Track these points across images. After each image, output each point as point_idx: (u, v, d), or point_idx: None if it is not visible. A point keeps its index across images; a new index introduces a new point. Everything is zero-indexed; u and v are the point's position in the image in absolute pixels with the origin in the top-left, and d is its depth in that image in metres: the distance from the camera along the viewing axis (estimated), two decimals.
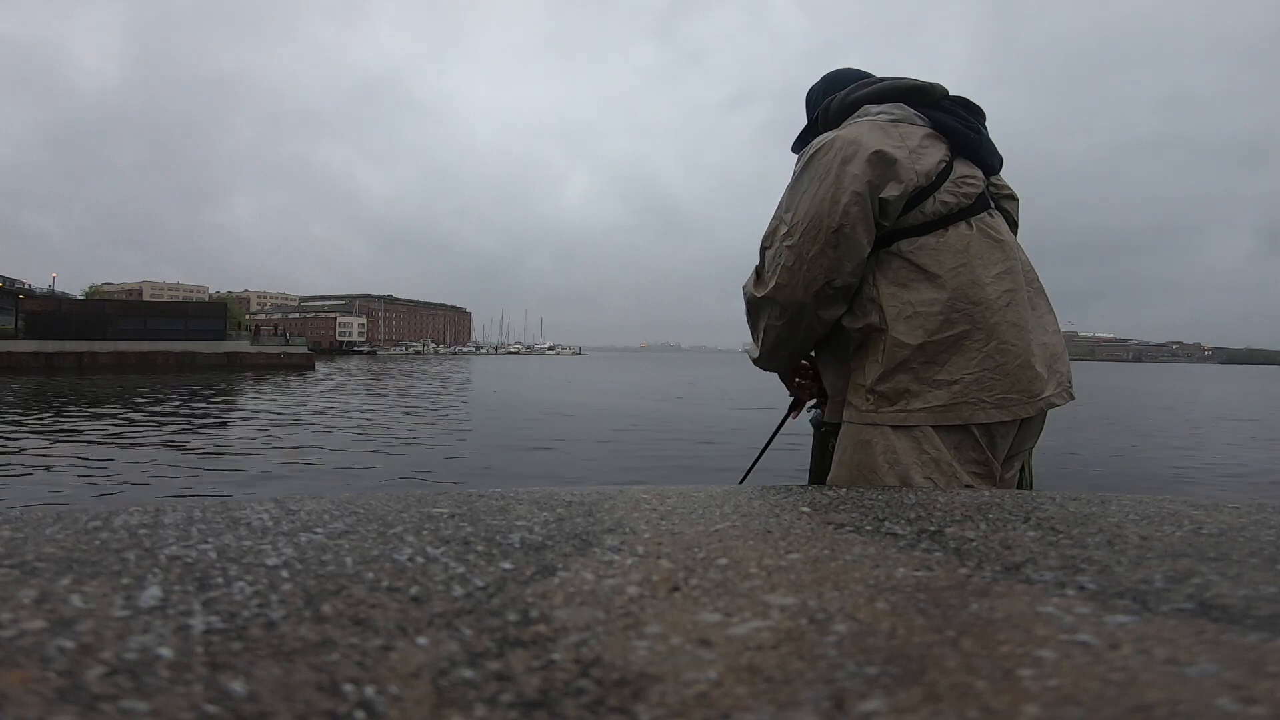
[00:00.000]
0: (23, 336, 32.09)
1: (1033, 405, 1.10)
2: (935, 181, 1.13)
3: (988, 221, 1.16)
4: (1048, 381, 1.13)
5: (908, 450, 1.06)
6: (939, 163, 1.15)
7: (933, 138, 1.18)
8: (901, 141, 1.14)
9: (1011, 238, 1.19)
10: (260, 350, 35.21)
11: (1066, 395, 1.18)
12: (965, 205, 1.15)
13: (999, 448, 1.09)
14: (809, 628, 0.32)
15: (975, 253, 1.12)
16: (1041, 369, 1.12)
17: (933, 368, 1.07)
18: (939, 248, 1.11)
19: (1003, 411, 1.07)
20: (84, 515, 0.51)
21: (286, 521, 0.50)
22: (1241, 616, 0.33)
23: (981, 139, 1.23)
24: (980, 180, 1.19)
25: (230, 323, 41.90)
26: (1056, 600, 0.36)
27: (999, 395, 1.07)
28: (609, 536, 0.47)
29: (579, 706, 0.24)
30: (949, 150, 1.19)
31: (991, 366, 1.08)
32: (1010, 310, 1.11)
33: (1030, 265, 1.21)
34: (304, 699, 0.24)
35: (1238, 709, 0.24)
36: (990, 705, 0.24)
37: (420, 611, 0.33)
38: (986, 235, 1.14)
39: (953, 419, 1.06)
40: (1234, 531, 0.51)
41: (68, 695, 0.24)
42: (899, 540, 0.48)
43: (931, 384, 1.07)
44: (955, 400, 1.06)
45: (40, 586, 0.35)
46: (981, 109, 1.30)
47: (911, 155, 1.13)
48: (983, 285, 1.11)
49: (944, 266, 1.10)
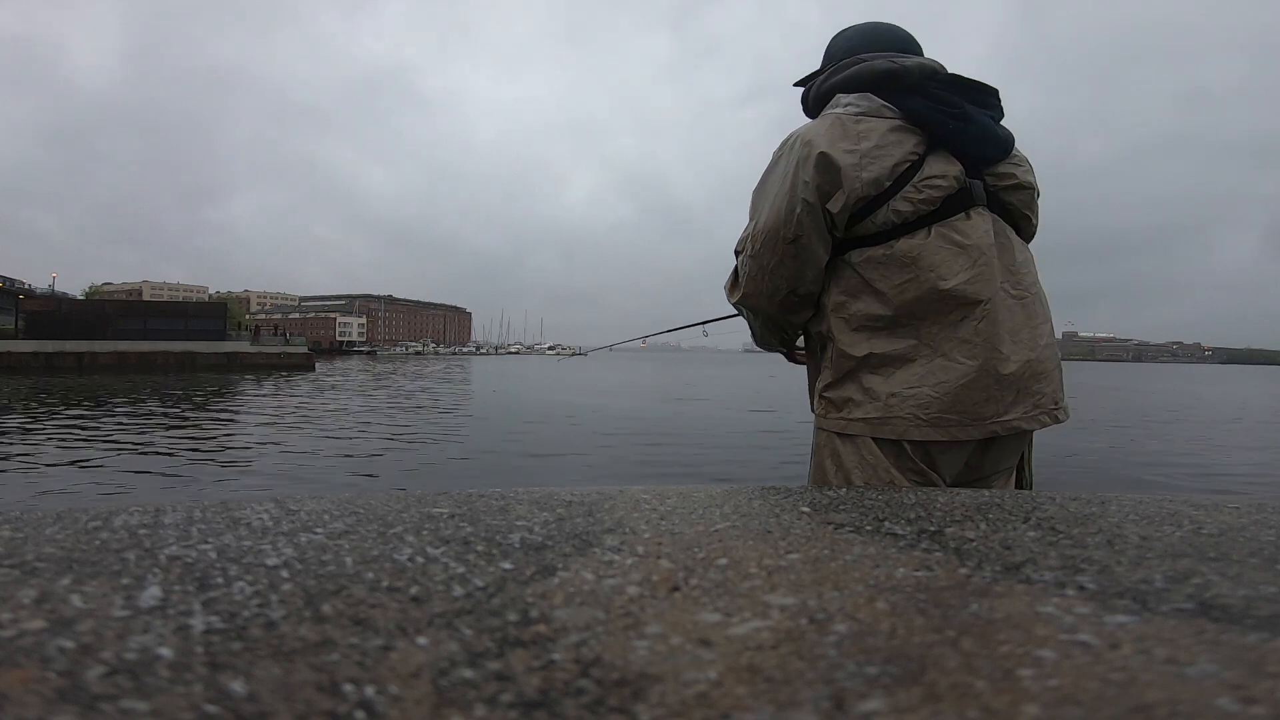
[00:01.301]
0: (23, 336, 32.09)
1: (978, 428, 1.02)
2: (891, 188, 1.05)
3: (956, 226, 1.05)
4: (1013, 404, 1.04)
5: (849, 455, 1.07)
6: (900, 163, 1.05)
7: (902, 130, 1.06)
8: (856, 143, 1.06)
9: (987, 240, 1.06)
10: (260, 350, 35.20)
11: (1047, 418, 1.08)
12: (926, 211, 1.05)
13: (940, 465, 1.04)
14: (809, 628, 0.32)
15: (928, 264, 1.04)
16: (1004, 390, 1.03)
17: (875, 379, 1.05)
18: (885, 261, 1.06)
19: (938, 431, 1.02)
20: (84, 515, 0.51)
21: (286, 521, 0.50)
22: (1241, 616, 0.33)
23: (968, 127, 1.08)
24: (952, 178, 1.06)
25: (230, 323, 41.92)
26: (1056, 600, 0.36)
27: (935, 414, 1.01)
28: (609, 536, 0.47)
29: (579, 706, 0.24)
30: (923, 143, 1.07)
31: (931, 384, 1.02)
32: (965, 326, 1.03)
33: (1027, 268, 1.11)
34: (304, 699, 0.24)
35: (1238, 709, 0.24)
36: (990, 705, 0.24)
37: (420, 611, 0.33)
38: (948, 242, 1.04)
39: (886, 433, 1.03)
40: (1234, 531, 0.51)
41: (68, 695, 0.24)
42: (899, 540, 0.48)
43: (872, 396, 1.05)
44: (889, 414, 1.03)
45: (40, 586, 0.35)
46: (985, 88, 1.15)
47: (862, 161, 1.05)
48: (928, 301, 1.03)
49: (889, 282, 1.05)
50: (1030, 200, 1.16)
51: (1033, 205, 1.17)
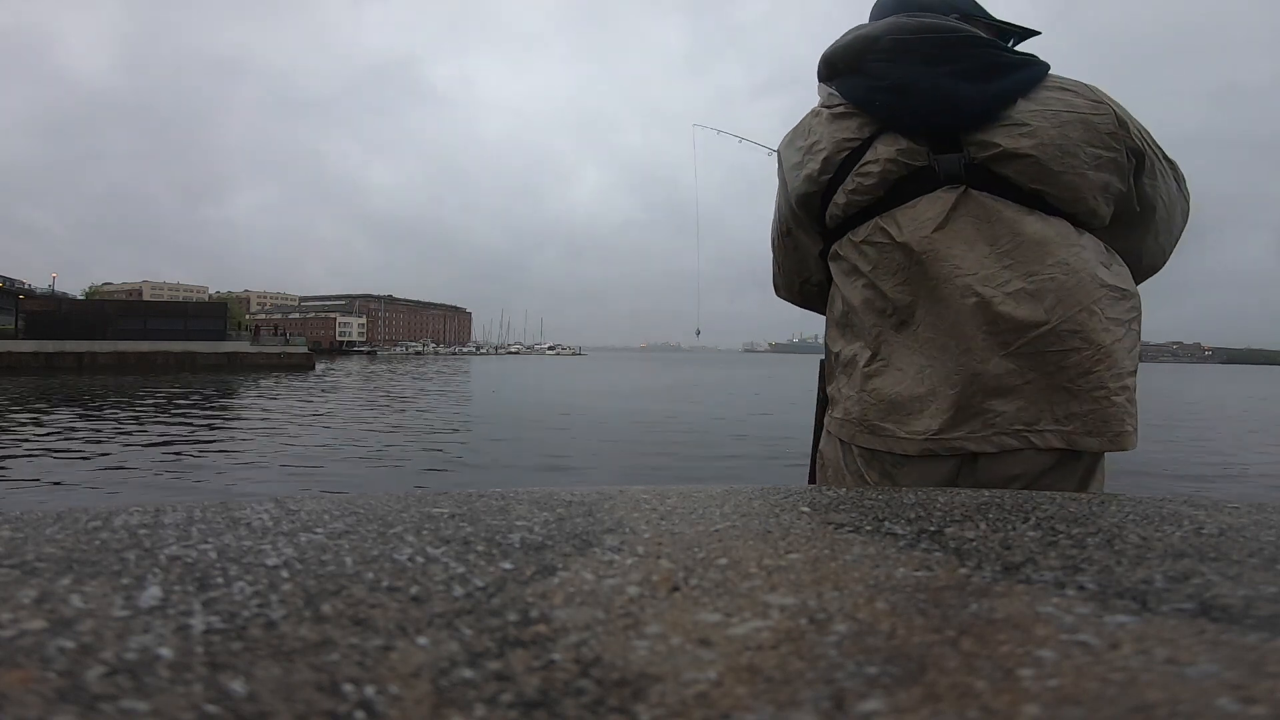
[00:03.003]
0: (23, 336, 32.12)
1: (913, 443, 0.91)
2: (832, 180, 0.97)
3: (896, 216, 0.93)
4: (959, 421, 0.89)
5: (832, 451, 1.05)
6: (836, 154, 0.96)
7: (844, 117, 0.98)
8: (805, 138, 1.01)
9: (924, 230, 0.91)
10: (260, 350, 35.24)
11: (1006, 440, 0.88)
12: (864, 202, 0.95)
13: (893, 476, 0.94)
14: (809, 628, 0.32)
15: (865, 265, 0.96)
16: (942, 402, 0.90)
17: (843, 379, 1.02)
18: (836, 260, 1.02)
19: (875, 439, 0.95)
20: (84, 515, 0.51)
21: (286, 521, 0.50)
22: (1241, 616, 0.33)
23: (902, 100, 0.92)
24: (890, 161, 0.93)
25: (230, 323, 41.97)
26: (1056, 600, 0.36)
27: (873, 421, 0.95)
28: (609, 536, 0.47)
29: (579, 706, 0.24)
30: (868, 126, 0.96)
31: (870, 389, 0.96)
32: (906, 331, 0.94)
33: (1038, 255, 0.91)
34: (304, 699, 0.24)
35: (1238, 709, 0.24)
36: (990, 705, 0.24)
37: (420, 611, 0.33)
38: (884, 236, 0.94)
39: (843, 434, 1.00)
40: (1234, 531, 0.51)
41: (68, 695, 0.24)
42: (899, 540, 0.48)
43: (842, 396, 1.02)
44: (845, 416, 1.00)
45: (40, 586, 0.35)
46: (951, 39, 0.94)
47: (804, 159, 0.99)
48: (870, 302, 0.96)
49: (845, 281, 1.01)
50: (1039, 170, 0.91)
51: (1048, 176, 0.91)
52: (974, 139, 0.92)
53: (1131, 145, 0.94)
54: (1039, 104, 0.91)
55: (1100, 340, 0.89)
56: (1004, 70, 0.93)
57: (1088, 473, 0.93)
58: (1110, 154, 0.92)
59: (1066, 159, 0.90)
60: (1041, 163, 0.90)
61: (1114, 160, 0.93)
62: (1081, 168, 0.91)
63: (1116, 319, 0.91)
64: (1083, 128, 0.91)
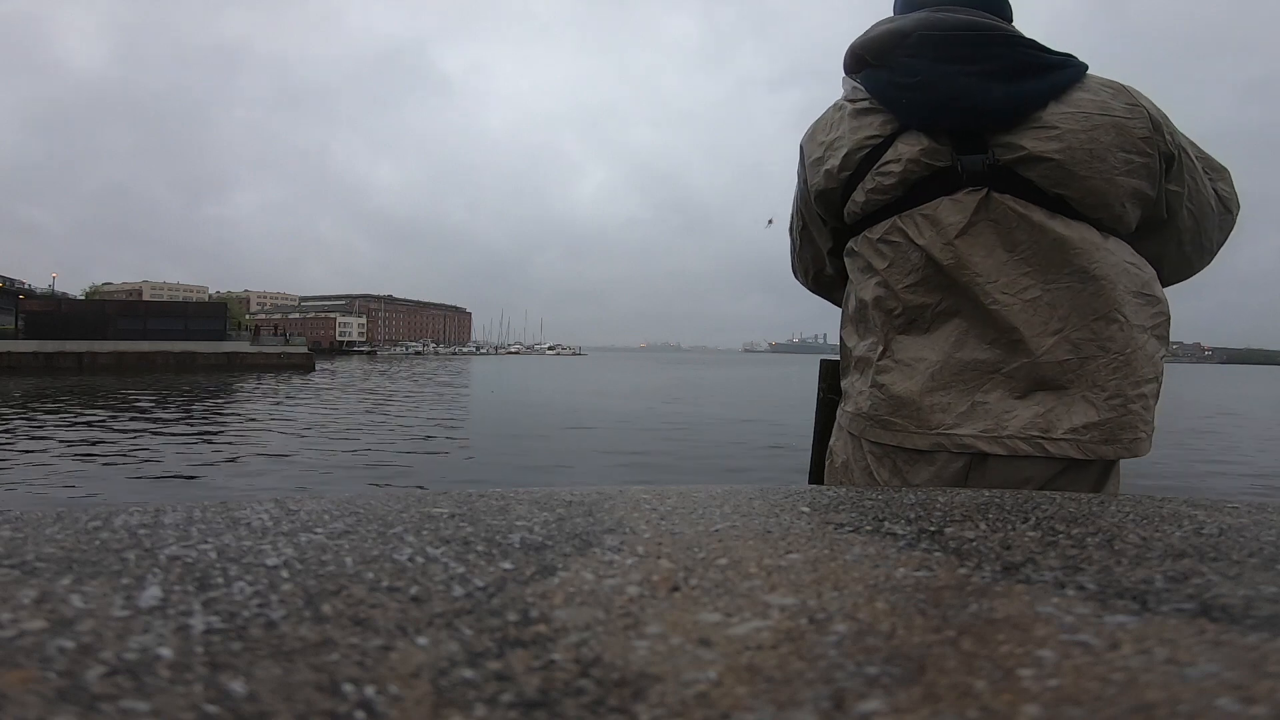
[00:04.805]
0: (23, 336, 32.12)
1: (924, 439, 0.91)
2: (852, 178, 0.97)
3: (915, 217, 0.92)
4: (970, 420, 0.89)
5: (843, 446, 1.04)
6: (856, 150, 0.95)
7: (868, 113, 0.96)
8: (827, 134, 1.00)
9: (946, 235, 0.90)
10: (260, 350, 35.24)
11: (1019, 445, 0.87)
12: (883, 201, 0.94)
13: (904, 473, 0.94)
14: (809, 628, 0.32)
15: (880, 263, 0.96)
16: (955, 401, 0.90)
17: (856, 375, 1.02)
18: (851, 256, 1.02)
19: (887, 434, 0.94)
20: (84, 515, 0.51)
21: (286, 521, 0.50)
22: (1241, 616, 0.33)
23: (924, 96, 0.90)
24: (912, 160, 0.92)
25: (230, 323, 41.98)
26: (1056, 600, 0.36)
27: (885, 416, 0.95)
28: (609, 536, 0.47)
29: (579, 706, 0.24)
30: (891, 122, 0.94)
31: (878, 385, 0.96)
32: (918, 331, 0.94)
33: (1062, 257, 0.90)
34: (304, 699, 0.24)
35: (1238, 709, 0.24)
36: (990, 705, 0.24)
37: (420, 611, 0.33)
38: (902, 237, 0.93)
39: (854, 429, 1.00)
40: (1234, 531, 0.51)
41: (68, 695, 0.24)
42: (898, 540, 0.48)
43: (854, 391, 1.01)
44: (857, 411, 0.99)
45: (40, 586, 0.35)
46: (980, 37, 0.91)
47: (825, 155, 0.99)
48: (881, 300, 0.96)
49: (856, 280, 1.02)
50: (1062, 174, 0.88)
51: (1071, 180, 0.88)
52: (1000, 140, 0.90)
53: (1165, 150, 0.92)
54: (1071, 106, 0.89)
55: (1119, 348, 0.87)
56: (1038, 71, 0.90)
57: (1101, 478, 0.91)
58: (1142, 159, 0.90)
59: (1094, 163, 0.88)
60: (1065, 166, 0.88)
61: (1146, 165, 0.90)
62: (1110, 172, 0.88)
63: (1140, 326, 0.90)
64: (1115, 131, 0.88)
